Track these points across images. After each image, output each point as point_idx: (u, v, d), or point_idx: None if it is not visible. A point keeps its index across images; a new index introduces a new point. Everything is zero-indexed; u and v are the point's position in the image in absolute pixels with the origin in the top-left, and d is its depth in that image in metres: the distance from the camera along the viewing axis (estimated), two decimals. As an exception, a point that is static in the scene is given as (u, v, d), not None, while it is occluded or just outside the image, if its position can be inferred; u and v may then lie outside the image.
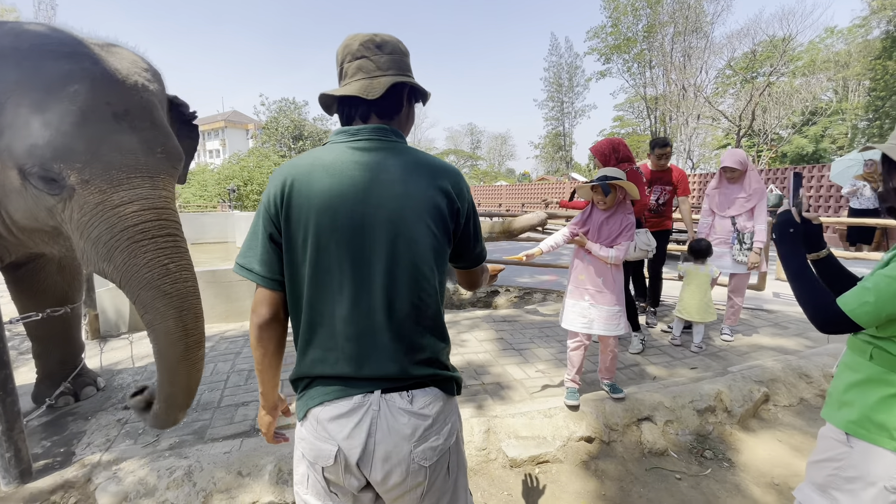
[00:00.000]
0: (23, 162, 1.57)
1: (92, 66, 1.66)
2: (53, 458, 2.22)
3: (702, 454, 2.48)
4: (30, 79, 1.58)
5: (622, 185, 2.50)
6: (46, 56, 1.61)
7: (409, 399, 1.01)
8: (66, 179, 1.57)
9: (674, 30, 30.75)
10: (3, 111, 1.59)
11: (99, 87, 1.64)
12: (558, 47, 48.13)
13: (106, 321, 4.22)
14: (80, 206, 1.60)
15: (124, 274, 1.60)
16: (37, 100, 1.57)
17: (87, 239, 1.63)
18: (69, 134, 1.56)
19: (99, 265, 1.66)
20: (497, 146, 60.55)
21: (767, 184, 11.85)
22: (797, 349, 3.54)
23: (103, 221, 1.59)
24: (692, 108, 27.80)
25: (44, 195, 1.62)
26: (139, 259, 1.58)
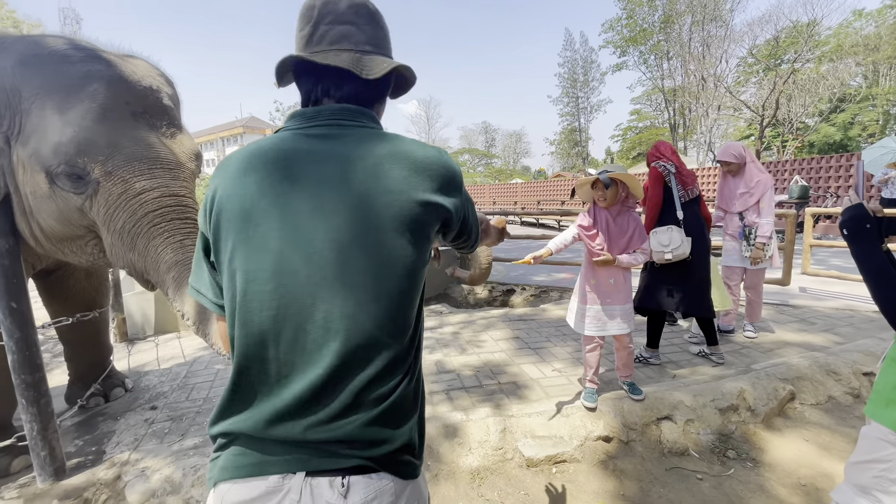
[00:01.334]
0: (49, 163, 1.66)
1: (108, 68, 1.75)
2: (85, 456, 2.31)
3: (724, 454, 2.42)
4: (51, 82, 1.68)
5: (622, 177, 2.45)
6: (65, 61, 1.70)
7: (342, 490, 0.69)
8: (91, 173, 1.66)
9: (692, 19, 30.07)
10: (29, 117, 1.68)
11: (116, 88, 1.73)
12: (572, 42, 47.69)
13: (133, 324, 4.36)
14: (105, 199, 1.70)
15: (147, 258, 1.68)
16: (59, 101, 1.66)
17: (112, 231, 1.72)
18: (91, 129, 1.65)
19: (126, 257, 1.74)
20: (512, 144, 60.23)
21: (792, 174, 11.49)
22: (825, 345, 3.43)
23: (126, 210, 1.68)
24: (712, 99, 27.13)
25: (71, 195, 1.70)
26: (157, 240, 1.66)
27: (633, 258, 2.49)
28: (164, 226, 1.68)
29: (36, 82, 1.67)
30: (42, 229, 1.86)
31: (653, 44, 33.69)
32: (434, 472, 2.22)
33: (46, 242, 1.93)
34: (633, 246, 2.52)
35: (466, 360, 3.36)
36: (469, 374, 3.11)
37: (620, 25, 34.81)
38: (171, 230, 1.67)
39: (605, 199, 2.49)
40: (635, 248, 2.52)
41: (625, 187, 2.48)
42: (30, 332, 1.95)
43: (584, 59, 47.69)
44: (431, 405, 2.70)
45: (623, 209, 2.53)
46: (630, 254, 2.50)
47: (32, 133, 1.68)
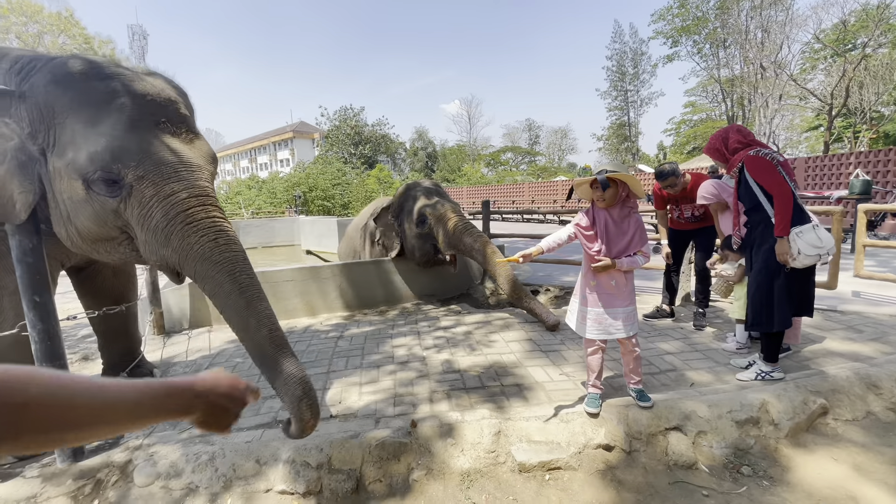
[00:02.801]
0: (86, 170, 1.84)
1: (131, 84, 1.95)
2: (106, 440, 2.49)
3: (738, 470, 2.25)
4: (82, 98, 1.87)
5: (621, 177, 2.32)
6: (93, 79, 1.89)
7: None
8: (125, 178, 1.85)
9: (750, 4, 28.13)
10: (63, 130, 1.87)
11: (140, 101, 1.93)
12: (621, 34, 46.00)
13: (170, 318, 4.65)
14: (139, 201, 1.89)
15: (181, 253, 1.88)
16: (90, 115, 1.85)
17: (147, 229, 1.92)
18: (122, 138, 1.84)
19: (160, 252, 1.93)
20: (557, 140, 58.93)
21: (855, 168, 10.47)
22: (871, 355, 3.10)
23: (159, 210, 1.87)
24: (773, 89, 25.25)
25: (107, 199, 1.89)
26: (191, 238, 1.86)
27: (633, 261, 2.36)
28: (195, 225, 1.87)
29: (68, 99, 1.86)
30: (79, 231, 2.03)
31: (708, 32, 31.82)
32: (423, 471, 2.21)
33: (82, 243, 2.10)
34: (633, 248, 2.39)
35: (474, 361, 3.33)
36: (474, 375, 3.08)
37: (671, 15, 33.15)
38: (202, 229, 1.88)
39: (603, 200, 2.37)
40: (635, 250, 2.39)
41: (625, 187, 2.36)
42: (52, 323, 2.13)
43: (634, 50, 45.93)
44: (430, 403, 2.70)
45: (624, 210, 2.41)
46: (630, 256, 2.38)
47: (68, 144, 1.86)
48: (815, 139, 31.43)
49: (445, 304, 5.39)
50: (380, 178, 34.71)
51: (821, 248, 2.59)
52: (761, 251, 2.76)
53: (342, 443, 2.28)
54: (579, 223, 2.49)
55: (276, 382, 1.81)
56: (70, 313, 2.86)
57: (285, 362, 1.80)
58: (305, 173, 27.73)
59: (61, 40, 25.77)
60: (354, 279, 5.26)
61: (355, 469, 2.22)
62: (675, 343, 3.59)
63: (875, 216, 7.87)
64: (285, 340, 1.87)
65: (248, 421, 2.60)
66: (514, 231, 11.58)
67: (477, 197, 28.80)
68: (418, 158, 53.36)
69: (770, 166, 2.69)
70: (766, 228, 2.73)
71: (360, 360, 3.46)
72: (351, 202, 27.00)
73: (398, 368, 3.25)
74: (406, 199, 5.28)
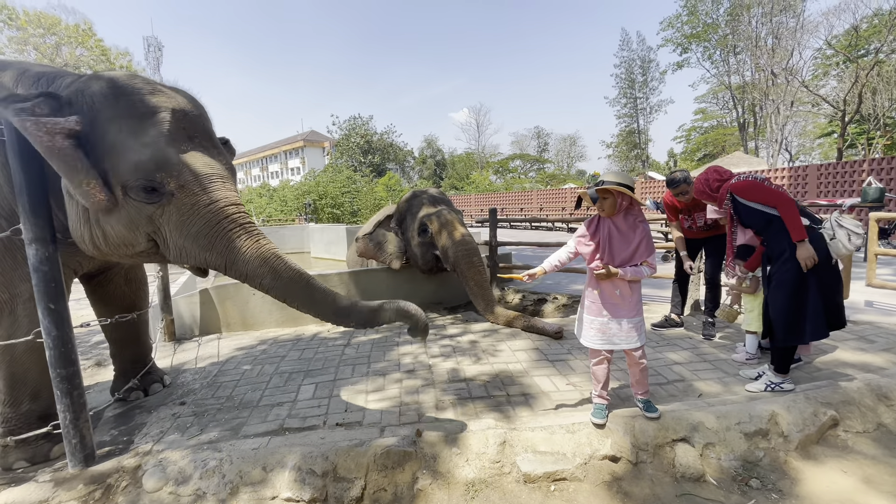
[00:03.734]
0: (127, 178, 1.98)
1: (168, 100, 2.12)
2: (117, 445, 2.53)
3: (747, 483, 2.22)
4: (127, 111, 2.02)
5: (617, 189, 2.31)
6: (134, 94, 2.07)
7: None
8: (167, 186, 1.99)
9: (761, 11, 28.00)
10: (104, 139, 1.99)
11: (177, 116, 2.10)
12: (629, 42, 45.99)
13: (181, 325, 4.72)
14: (178, 208, 2.05)
15: (228, 257, 2.09)
16: (133, 127, 2.01)
17: (187, 235, 2.08)
18: (164, 150, 2.02)
19: (201, 256, 2.11)
20: (566, 148, 58.89)
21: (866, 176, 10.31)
22: (883, 366, 3.05)
23: (200, 217, 2.06)
24: (784, 95, 25.03)
25: (143, 205, 2.03)
26: (237, 242, 2.09)
27: (638, 271, 2.34)
28: (238, 230, 2.10)
29: (112, 111, 2.01)
30: (105, 235, 2.12)
31: (718, 38, 31.71)
32: (428, 480, 2.22)
33: (105, 246, 2.18)
34: (638, 258, 2.37)
35: (480, 370, 3.33)
36: (479, 384, 3.08)
37: (680, 22, 33.10)
38: (244, 233, 2.12)
39: (603, 210, 2.38)
40: (641, 260, 2.38)
41: (625, 196, 2.35)
42: (66, 330, 2.18)
43: (642, 58, 45.84)
44: (436, 412, 2.70)
45: (629, 219, 2.39)
46: (634, 266, 2.36)
47: (106, 154, 1.99)
48: (829, 146, 31.05)
49: (452, 311, 5.40)
50: (389, 186, 34.94)
51: (859, 226, 2.61)
52: (786, 262, 2.67)
53: (348, 451, 2.29)
54: (580, 233, 2.50)
55: (379, 316, 2.18)
56: (83, 320, 2.93)
57: (367, 306, 2.19)
58: (315, 181, 28.04)
59: (78, 52, 26.43)
60: (362, 286, 5.30)
61: (360, 477, 2.23)
62: (684, 353, 3.56)
63: (889, 224, 7.74)
64: (349, 300, 2.22)
65: (255, 428, 2.63)
66: (523, 239, 11.57)
67: (485, 204, 28.83)
68: (427, 166, 53.65)
69: (757, 183, 2.77)
70: (786, 236, 2.65)
71: (366, 367, 3.48)
72: (360, 209, 27.21)
73: (404, 377, 3.26)
74: (409, 207, 5.32)
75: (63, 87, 2.11)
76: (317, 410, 2.80)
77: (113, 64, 26.77)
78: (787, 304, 2.66)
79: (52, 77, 2.16)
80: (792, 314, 2.66)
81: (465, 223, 5.18)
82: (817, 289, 2.61)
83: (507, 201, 28.67)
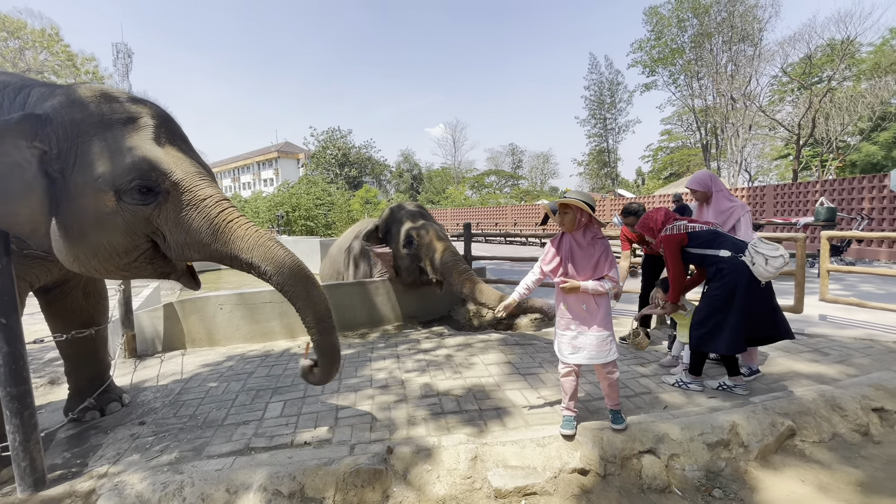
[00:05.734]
0: (121, 181, 1.97)
1: (147, 107, 2.19)
2: (69, 468, 2.40)
3: (710, 493, 2.28)
4: (111, 118, 2.04)
5: (575, 204, 2.42)
6: (114, 101, 2.11)
7: None
8: (163, 184, 2.05)
9: (722, 39, 29.60)
10: (90, 147, 1.98)
11: (157, 120, 2.15)
12: (598, 66, 47.69)
13: (143, 341, 4.54)
14: (175, 205, 2.09)
15: (234, 245, 2.14)
16: (120, 132, 2.03)
17: (189, 230, 2.12)
18: (155, 150, 2.06)
19: (205, 250, 2.16)
20: (539, 165, 60.09)
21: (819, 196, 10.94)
22: (836, 378, 3.21)
23: (199, 211, 2.11)
24: (743, 119, 26.38)
25: (140, 207, 2.03)
26: (239, 231, 2.15)
27: (599, 284, 2.42)
28: (237, 220, 2.18)
29: (96, 119, 2.01)
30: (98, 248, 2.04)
31: (683, 63, 33.28)
32: (399, 499, 2.19)
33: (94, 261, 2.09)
34: (599, 272, 2.46)
35: (454, 384, 3.32)
36: (452, 398, 3.07)
37: (649, 46, 34.65)
38: (244, 223, 2.19)
39: (563, 224, 2.49)
40: (602, 274, 2.46)
41: (583, 213, 2.45)
42: (18, 346, 2.08)
43: (611, 81, 47.60)
44: (408, 427, 2.68)
45: (588, 234, 2.50)
46: (597, 280, 2.44)
47: (95, 160, 1.98)
48: (785, 167, 32.76)
49: (427, 325, 5.38)
50: (366, 199, 34.76)
51: (778, 250, 2.78)
52: (718, 286, 2.95)
53: (315, 470, 2.24)
54: (545, 251, 2.60)
55: (318, 341, 2.23)
56: (37, 335, 2.78)
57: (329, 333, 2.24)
58: (289, 193, 27.64)
59: (43, 56, 25.51)
60: (336, 301, 5.23)
61: (329, 497, 2.18)
62: (651, 366, 3.65)
63: (841, 242, 8.21)
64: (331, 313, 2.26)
65: (220, 448, 2.54)
66: (497, 253, 11.68)
67: (461, 219, 29.03)
68: (404, 180, 53.76)
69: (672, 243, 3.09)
70: (717, 270, 2.96)
71: (337, 384, 3.42)
72: (334, 222, 26.94)
73: (377, 392, 3.23)
74: (392, 221, 5.34)
75: (36, 100, 2.08)
76: (285, 429, 2.73)
77: (78, 69, 25.92)
78: (706, 317, 2.97)
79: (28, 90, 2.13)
80: (707, 326, 2.96)
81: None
82: (740, 310, 2.84)
83: (483, 216, 28.96)
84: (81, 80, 25.15)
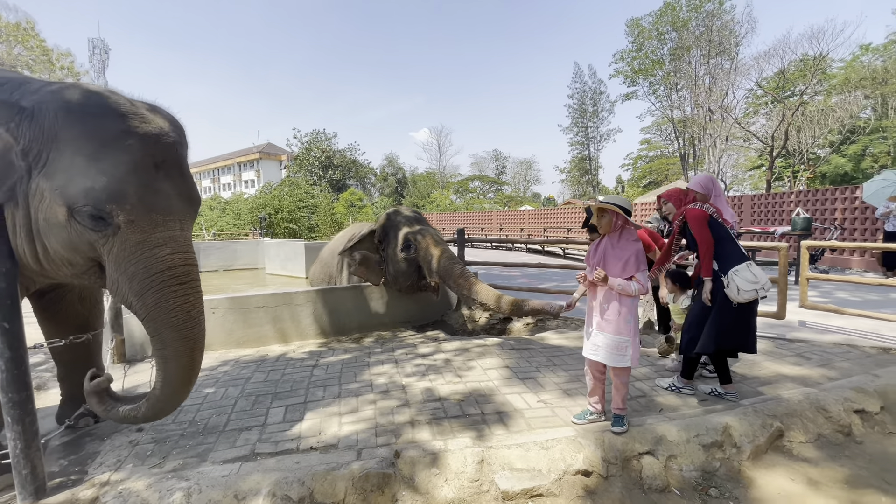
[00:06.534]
0: (74, 201, 1.83)
1: (141, 124, 1.95)
2: (68, 476, 2.35)
3: (706, 492, 2.38)
4: (90, 132, 1.85)
5: (611, 207, 2.55)
6: (106, 115, 1.90)
7: None
8: (115, 218, 1.86)
9: (700, 52, 30.58)
10: (60, 155, 1.85)
11: (146, 143, 1.93)
12: (581, 75, 48.58)
13: (132, 346, 4.44)
14: (122, 243, 1.90)
15: (152, 313, 1.93)
16: (94, 150, 1.84)
17: (122, 273, 1.93)
18: (123, 181, 1.85)
19: (128, 299, 1.96)
20: (522, 171, 60.77)
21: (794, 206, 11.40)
22: (819, 381, 3.37)
23: (141, 261, 1.91)
24: (720, 130, 27.26)
25: (87, 231, 1.88)
26: (169, 303, 1.93)
27: (624, 284, 2.57)
28: (175, 289, 1.95)
29: (77, 130, 1.84)
30: (46, 250, 1.98)
31: (662, 75, 34.22)
32: (408, 502, 2.21)
33: (47, 263, 2.04)
34: (628, 272, 2.59)
35: (454, 388, 3.36)
36: (454, 403, 3.11)
37: (630, 57, 35.55)
38: (181, 295, 1.97)
39: (600, 226, 2.68)
40: (630, 275, 2.59)
41: (620, 216, 2.60)
42: (21, 351, 2.03)
43: (593, 90, 48.52)
44: (413, 432, 2.70)
45: (623, 236, 2.66)
46: (624, 279, 2.58)
47: (60, 171, 1.84)
48: (759, 177, 33.93)
49: (421, 330, 5.41)
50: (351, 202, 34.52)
51: (756, 283, 2.88)
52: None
53: (324, 475, 2.25)
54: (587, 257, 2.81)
55: (156, 390, 2.07)
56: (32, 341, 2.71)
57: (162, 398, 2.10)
58: (272, 195, 27.25)
59: (17, 51, 24.67)
60: (329, 305, 5.22)
61: (338, 502, 2.19)
62: (643, 370, 3.76)
63: (815, 251, 8.56)
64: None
65: (224, 454, 2.52)
66: (489, 258, 11.77)
67: (447, 223, 29.12)
68: (388, 184, 53.60)
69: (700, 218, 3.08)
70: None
71: (337, 389, 3.42)
72: (318, 225, 26.66)
73: (378, 397, 3.24)
74: (389, 226, 5.36)
75: (27, 93, 1.96)
76: (289, 434, 2.73)
77: (53, 65, 25.15)
78: (693, 322, 3.12)
79: (25, 86, 2.04)
80: (692, 332, 3.10)
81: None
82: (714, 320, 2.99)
83: (469, 221, 29.10)
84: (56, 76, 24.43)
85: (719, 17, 29.59)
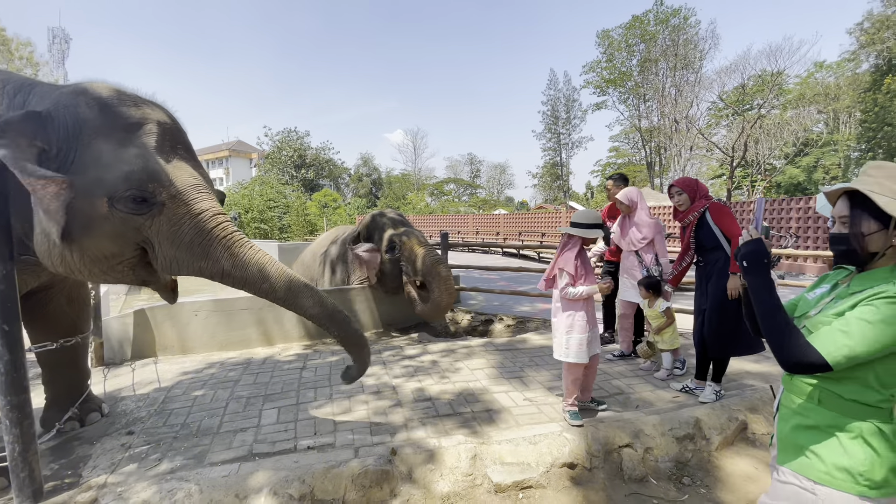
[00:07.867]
0: (115, 189, 1.93)
1: (155, 112, 2.15)
2: (62, 479, 2.34)
3: (680, 480, 2.58)
4: (115, 122, 2.00)
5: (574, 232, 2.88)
6: (121, 105, 2.05)
7: None
8: (159, 196, 2.02)
9: (666, 65, 31.89)
10: (88, 150, 1.93)
11: (163, 128, 2.13)
12: (556, 81, 49.61)
13: (111, 348, 4.36)
14: (170, 218, 2.06)
15: (226, 263, 2.13)
16: (122, 137, 1.99)
17: (180, 245, 2.09)
18: (156, 161, 2.02)
19: (195, 265, 2.13)
20: (496, 175, 61.48)
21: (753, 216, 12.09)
22: (778, 377, 3.66)
23: (193, 227, 2.08)
24: (685, 140, 28.51)
25: (131, 216, 1.99)
26: (233, 249, 2.15)
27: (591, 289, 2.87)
28: (230, 238, 2.15)
29: (100, 122, 1.97)
30: (83, 250, 2.00)
31: (631, 86, 35.45)
32: (406, 497, 2.31)
33: (79, 263, 2.04)
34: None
35: (444, 388, 3.48)
36: (445, 402, 3.23)
37: (600, 67, 36.65)
38: (238, 240, 2.18)
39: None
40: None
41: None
42: (19, 354, 2.03)
43: (567, 97, 49.61)
44: (407, 431, 2.80)
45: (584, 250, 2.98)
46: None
47: (92, 164, 1.92)
48: (720, 186, 35.57)
49: (405, 332, 5.49)
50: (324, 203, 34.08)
51: None
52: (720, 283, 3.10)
53: (324, 473, 2.33)
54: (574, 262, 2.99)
55: (341, 335, 2.33)
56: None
57: (347, 323, 2.36)
58: (241, 193, 26.65)
59: (-30, 39, 23.29)
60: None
61: (338, 499, 2.27)
62: (619, 367, 3.98)
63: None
64: (338, 308, 2.35)
65: (221, 455, 2.55)
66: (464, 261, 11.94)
67: (423, 226, 29.11)
68: (363, 185, 53.19)
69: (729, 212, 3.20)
70: (725, 265, 3.11)
71: (328, 390, 3.48)
72: (289, 225, 26.23)
73: (370, 398, 3.32)
74: (374, 228, 5.45)
75: (39, 98, 2.02)
76: (284, 434, 2.78)
77: (12, 54, 23.84)
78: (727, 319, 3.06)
79: (29, 89, 2.06)
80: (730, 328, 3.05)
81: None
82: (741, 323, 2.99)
83: (445, 224, 29.21)
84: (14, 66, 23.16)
85: (684, 31, 30.96)
